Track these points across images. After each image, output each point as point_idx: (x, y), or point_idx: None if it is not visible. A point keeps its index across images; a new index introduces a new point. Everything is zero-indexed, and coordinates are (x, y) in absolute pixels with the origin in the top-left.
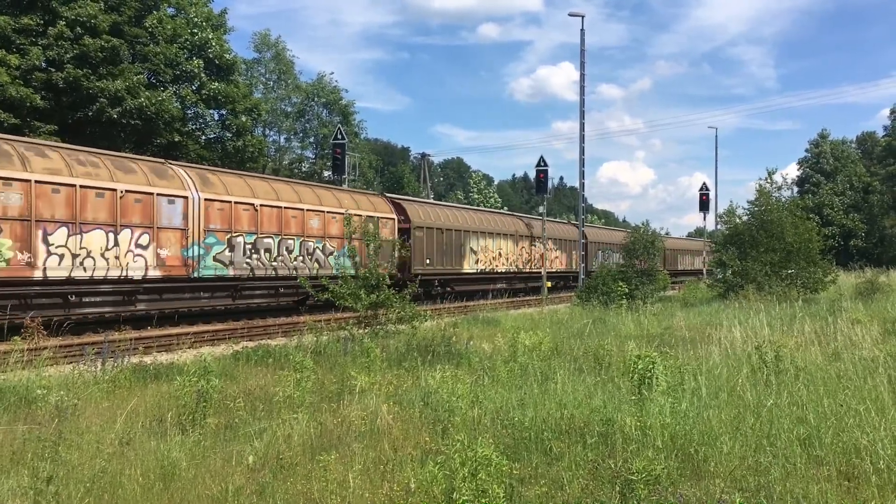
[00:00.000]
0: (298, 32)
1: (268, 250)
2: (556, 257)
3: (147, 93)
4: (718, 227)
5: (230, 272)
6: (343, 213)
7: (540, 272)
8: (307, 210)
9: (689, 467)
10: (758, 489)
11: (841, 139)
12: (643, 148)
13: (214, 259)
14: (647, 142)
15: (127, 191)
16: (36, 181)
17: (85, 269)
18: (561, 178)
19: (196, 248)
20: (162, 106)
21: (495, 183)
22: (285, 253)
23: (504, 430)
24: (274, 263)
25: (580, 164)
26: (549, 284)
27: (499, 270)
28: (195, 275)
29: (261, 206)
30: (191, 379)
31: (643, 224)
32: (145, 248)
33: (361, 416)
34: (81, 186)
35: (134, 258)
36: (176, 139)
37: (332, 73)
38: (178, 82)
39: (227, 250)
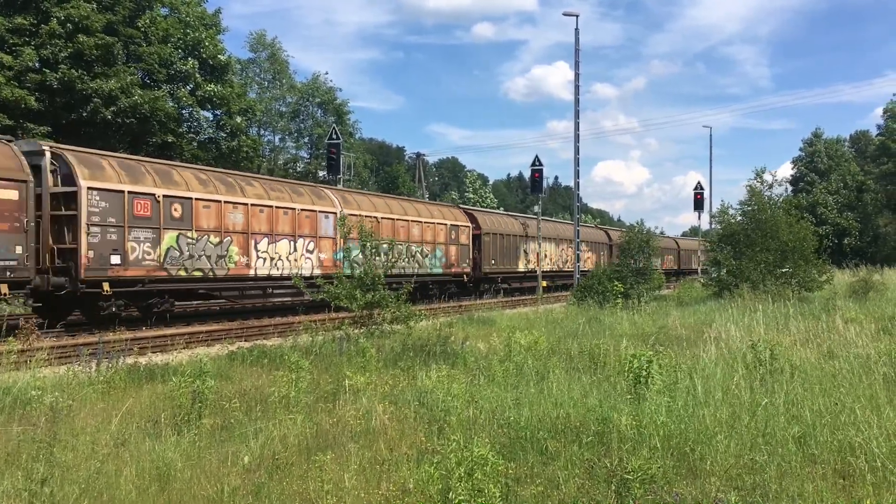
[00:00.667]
0: (293, 32)
1: (385, 253)
2: (588, 258)
3: (141, 91)
4: (713, 226)
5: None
6: (438, 223)
7: (575, 270)
8: (411, 221)
9: (685, 466)
10: (753, 488)
11: (835, 138)
12: (638, 147)
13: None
14: (642, 141)
15: (301, 209)
16: (251, 204)
17: (277, 269)
18: (556, 178)
19: (340, 252)
20: (156, 104)
21: (490, 182)
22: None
23: (500, 430)
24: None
25: (575, 164)
26: (544, 284)
27: (544, 269)
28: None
29: (381, 218)
30: (186, 379)
31: (638, 223)
32: (311, 252)
33: (357, 416)
34: (276, 207)
35: (305, 260)
36: (170, 139)
37: (327, 72)
38: (172, 82)
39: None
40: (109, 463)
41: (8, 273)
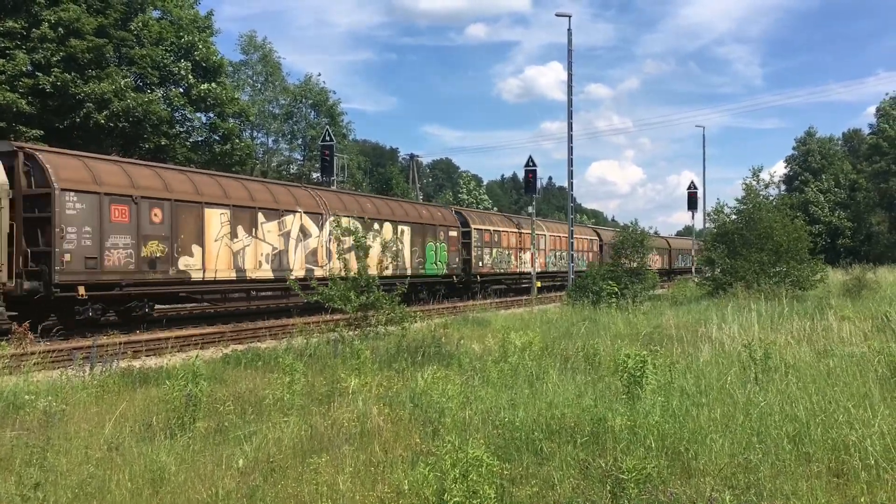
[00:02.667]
0: (285, 34)
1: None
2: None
3: (133, 94)
4: (707, 225)
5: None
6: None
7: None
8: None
9: (680, 465)
10: (747, 486)
11: (828, 137)
12: (632, 147)
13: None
14: (635, 141)
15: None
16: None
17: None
18: (550, 178)
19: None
20: (149, 108)
21: (484, 183)
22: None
23: (495, 431)
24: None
25: (569, 164)
26: (538, 284)
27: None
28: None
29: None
30: (180, 382)
31: (632, 223)
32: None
33: (352, 418)
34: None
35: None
36: (163, 143)
37: (319, 74)
38: (165, 84)
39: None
40: (102, 467)
41: None
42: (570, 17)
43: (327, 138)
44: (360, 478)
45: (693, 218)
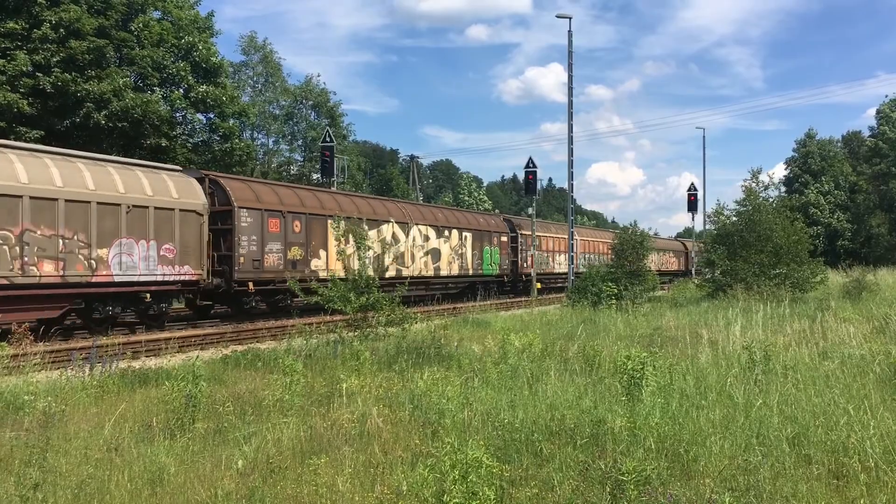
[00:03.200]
0: (286, 35)
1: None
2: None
3: (132, 94)
4: (707, 226)
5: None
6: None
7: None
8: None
9: (679, 467)
10: (747, 488)
11: (828, 139)
12: (632, 149)
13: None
14: (636, 142)
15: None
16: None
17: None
18: (550, 180)
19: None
20: (148, 107)
21: (484, 184)
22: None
23: (494, 432)
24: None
25: (569, 166)
26: (538, 286)
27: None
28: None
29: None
30: (179, 383)
31: (632, 224)
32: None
33: (351, 419)
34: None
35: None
36: (164, 143)
37: (319, 74)
38: (165, 85)
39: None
40: (102, 468)
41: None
42: (570, 18)
43: (328, 139)
44: (359, 479)
45: (693, 220)
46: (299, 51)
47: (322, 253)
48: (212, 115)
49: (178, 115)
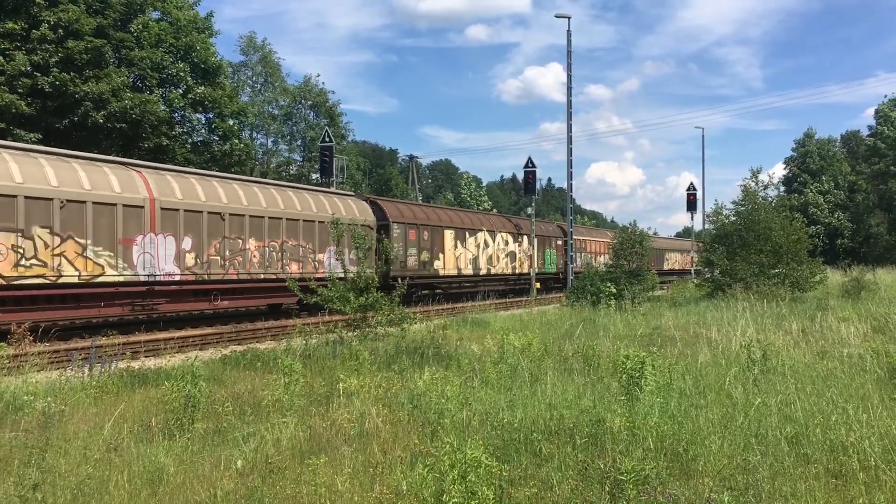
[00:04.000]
0: (285, 35)
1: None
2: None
3: (131, 94)
4: (706, 226)
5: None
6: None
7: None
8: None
9: (678, 467)
10: (746, 488)
11: (827, 138)
12: (631, 148)
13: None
14: (635, 142)
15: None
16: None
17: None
18: (549, 179)
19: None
20: (147, 108)
21: (484, 184)
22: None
23: (493, 432)
24: None
25: (568, 165)
26: (537, 286)
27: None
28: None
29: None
30: (178, 383)
31: (631, 224)
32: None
33: (351, 419)
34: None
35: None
36: (164, 143)
37: (319, 75)
38: (164, 86)
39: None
40: (101, 468)
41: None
42: (569, 18)
43: (327, 139)
44: (358, 479)
45: (692, 219)
46: (299, 51)
47: (440, 255)
48: (211, 115)
49: (176, 115)
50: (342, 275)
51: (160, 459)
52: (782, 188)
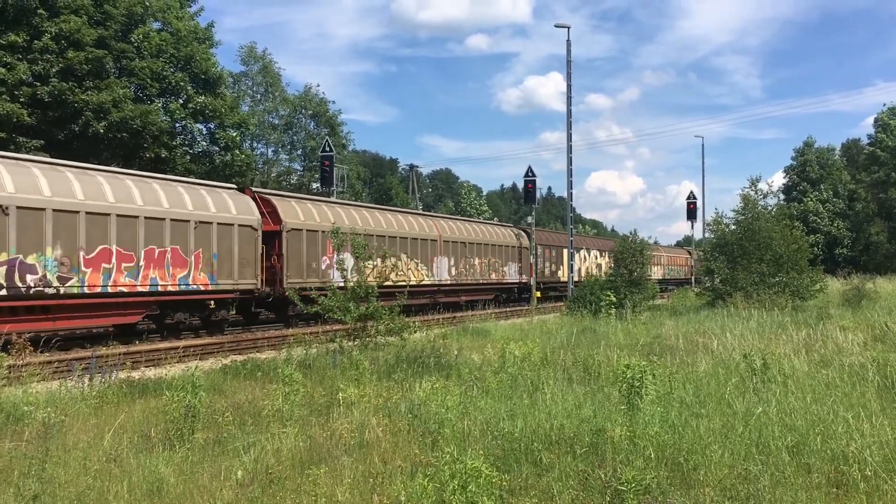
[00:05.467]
0: (285, 46)
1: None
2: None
3: (131, 105)
4: (706, 235)
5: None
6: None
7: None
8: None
9: (679, 476)
10: (747, 497)
11: (826, 147)
12: (631, 157)
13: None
14: (635, 151)
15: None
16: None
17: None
18: (549, 189)
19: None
20: (147, 118)
21: (484, 193)
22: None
23: (494, 442)
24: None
25: (568, 175)
26: (538, 294)
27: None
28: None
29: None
30: (178, 394)
31: (631, 233)
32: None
33: (351, 428)
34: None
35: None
36: (164, 154)
37: (318, 84)
38: (164, 96)
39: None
40: (101, 478)
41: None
42: (569, 28)
43: (327, 149)
44: (358, 489)
45: (693, 228)
46: (300, 60)
47: (561, 267)
48: (212, 126)
49: (177, 125)
50: (342, 284)
51: (160, 470)
52: (782, 197)
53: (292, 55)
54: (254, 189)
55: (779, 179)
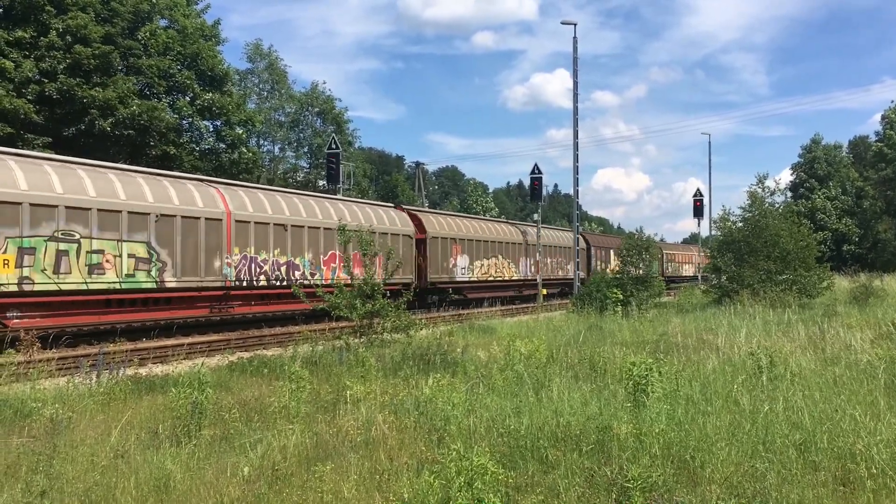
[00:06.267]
0: (292, 43)
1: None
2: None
3: (138, 102)
4: (713, 232)
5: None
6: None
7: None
8: None
9: (685, 474)
10: (754, 495)
11: (834, 144)
12: (638, 154)
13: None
14: (642, 148)
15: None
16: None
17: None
18: (556, 186)
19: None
20: (154, 115)
21: (490, 191)
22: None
23: (500, 439)
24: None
25: (574, 172)
26: (544, 292)
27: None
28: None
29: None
30: (185, 390)
31: (637, 230)
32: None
33: (357, 425)
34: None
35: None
36: (171, 151)
37: (325, 82)
38: (171, 93)
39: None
40: (108, 475)
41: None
42: (575, 25)
43: (333, 146)
44: (364, 486)
45: (699, 226)
46: (306, 58)
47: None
48: (218, 124)
49: (184, 122)
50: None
51: (167, 466)
52: (789, 194)
53: (299, 53)
54: (404, 206)
55: (786, 177)
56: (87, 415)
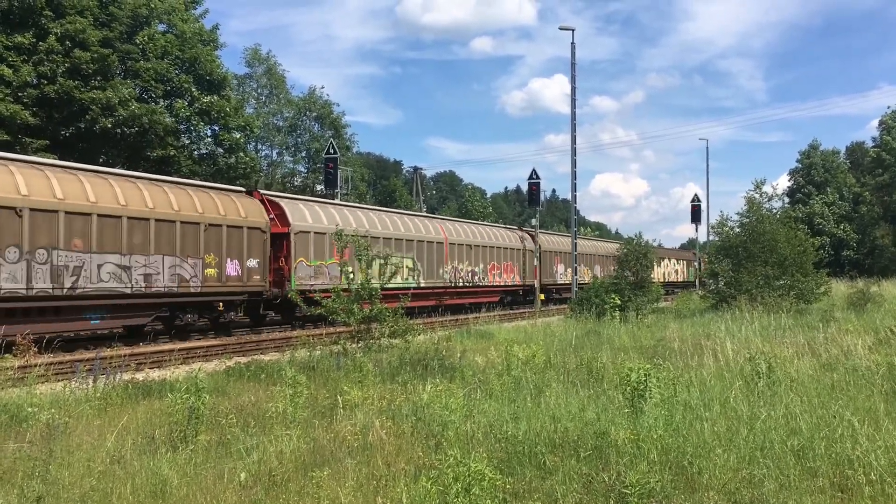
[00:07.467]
0: (291, 48)
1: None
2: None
3: (137, 105)
4: (711, 237)
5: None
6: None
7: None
8: None
9: (683, 480)
10: (752, 501)
11: (831, 150)
12: (636, 160)
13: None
14: (640, 154)
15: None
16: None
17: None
18: (553, 191)
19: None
20: (154, 116)
21: (488, 196)
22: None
23: (497, 444)
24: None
25: (572, 177)
26: (542, 297)
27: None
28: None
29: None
30: (182, 395)
31: (636, 236)
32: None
33: (354, 431)
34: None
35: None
36: (170, 154)
37: (323, 87)
38: (169, 97)
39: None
40: (105, 480)
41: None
42: (573, 30)
43: (331, 151)
44: (362, 491)
45: (697, 231)
46: (304, 63)
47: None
48: (216, 128)
49: (183, 125)
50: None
51: (163, 471)
52: (786, 199)
53: (297, 57)
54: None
55: (783, 182)
56: (83, 420)
